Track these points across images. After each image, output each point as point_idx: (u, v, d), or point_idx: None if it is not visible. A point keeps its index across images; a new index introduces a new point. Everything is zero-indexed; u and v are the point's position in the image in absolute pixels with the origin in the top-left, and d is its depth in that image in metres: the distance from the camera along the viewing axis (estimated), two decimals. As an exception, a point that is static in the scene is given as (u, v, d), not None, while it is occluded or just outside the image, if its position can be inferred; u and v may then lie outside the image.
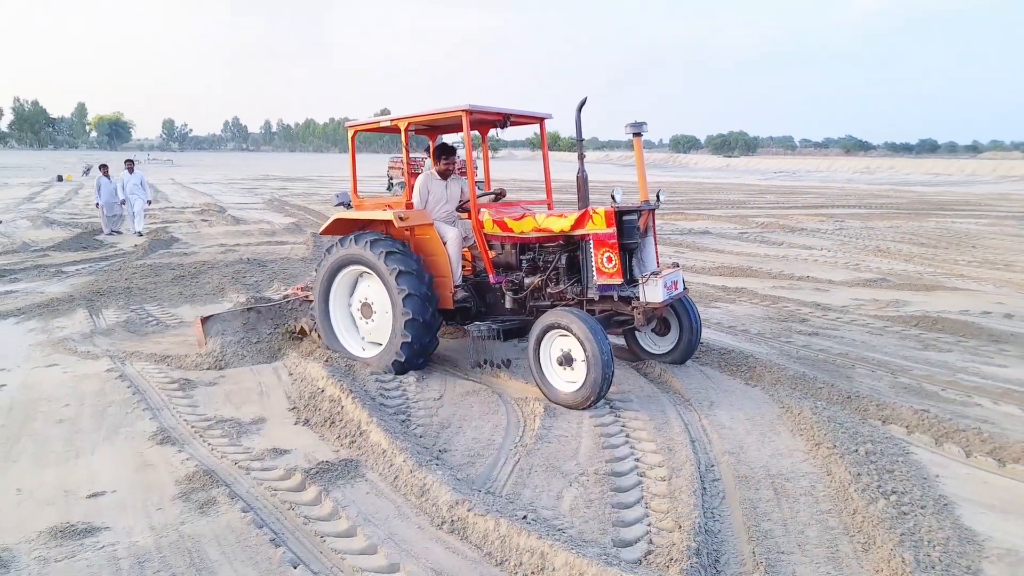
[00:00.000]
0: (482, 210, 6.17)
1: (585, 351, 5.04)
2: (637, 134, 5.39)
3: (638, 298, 5.46)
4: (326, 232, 6.60)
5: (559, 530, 3.52)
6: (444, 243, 6.09)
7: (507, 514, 3.58)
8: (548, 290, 5.96)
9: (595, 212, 5.55)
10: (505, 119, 6.49)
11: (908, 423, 4.95)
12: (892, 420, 5.02)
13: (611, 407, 5.25)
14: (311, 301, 6.78)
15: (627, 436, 4.76)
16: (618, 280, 5.51)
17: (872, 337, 7.31)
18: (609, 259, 5.51)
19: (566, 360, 5.25)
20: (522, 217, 5.99)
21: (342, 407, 4.97)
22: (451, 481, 3.95)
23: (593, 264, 5.63)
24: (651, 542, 3.46)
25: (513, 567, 3.27)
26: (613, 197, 5.66)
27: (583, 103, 5.60)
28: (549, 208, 6.68)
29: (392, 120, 6.35)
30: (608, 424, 4.94)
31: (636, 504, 3.87)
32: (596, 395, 5.08)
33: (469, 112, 5.89)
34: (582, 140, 5.79)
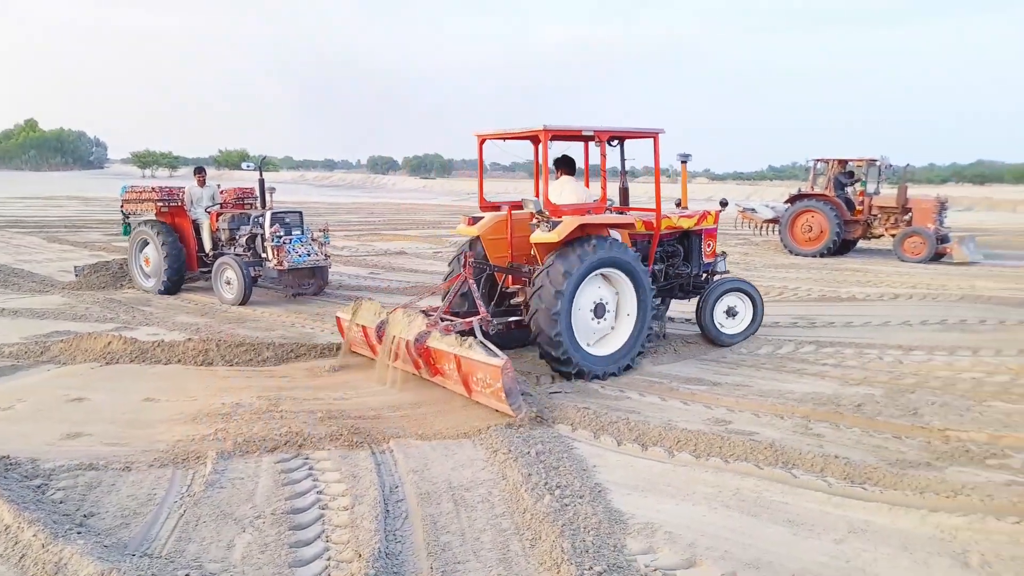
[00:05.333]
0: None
1: (755, 302, 7.91)
2: (684, 161, 7.72)
3: (717, 272, 8.24)
4: (569, 238, 6.37)
5: (227, 584, 3.22)
6: None
7: (165, 577, 3.18)
8: (676, 271, 7.90)
9: (710, 213, 8.03)
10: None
11: (572, 421, 5.46)
12: (560, 420, 5.50)
13: (298, 445, 4.96)
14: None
15: (310, 469, 4.56)
16: (712, 259, 8.16)
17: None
18: (709, 245, 8.11)
19: (731, 312, 7.88)
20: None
21: (-51, 481, 4.04)
22: (96, 550, 3.41)
23: (703, 249, 8.02)
24: (329, 577, 3.33)
25: (170, 637, 2.90)
26: (724, 203, 8.58)
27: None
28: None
29: (593, 130, 6.82)
30: (289, 459, 4.69)
31: (316, 540, 3.70)
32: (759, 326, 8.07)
33: (659, 134, 7.24)
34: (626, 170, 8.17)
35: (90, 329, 8.07)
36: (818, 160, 17.70)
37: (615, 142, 7.55)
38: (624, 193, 8.20)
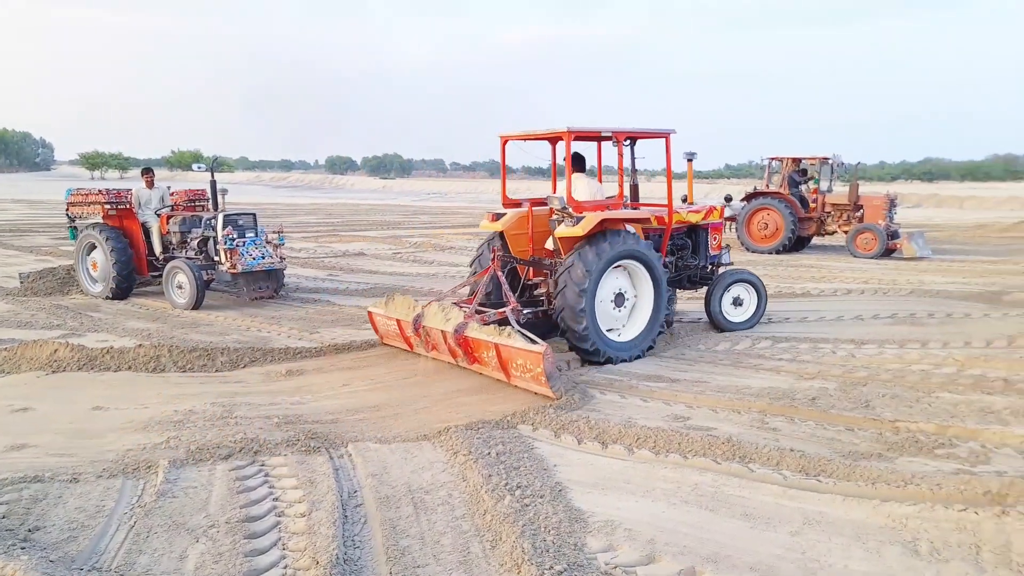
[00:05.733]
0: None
1: (759, 292, 8.51)
2: (689, 159, 7.89)
3: (722, 263, 8.72)
4: (591, 233, 6.76)
5: (179, 596, 3.13)
6: None
7: (113, 591, 3.09)
8: (684, 263, 8.33)
9: (716, 208, 8.45)
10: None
11: (533, 421, 5.45)
12: (521, 421, 5.49)
13: (253, 452, 4.86)
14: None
15: (266, 476, 4.47)
16: (718, 251, 8.63)
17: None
18: (715, 238, 8.55)
19: (737, 302, 8.45)
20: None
21: None
22: (42, 565, 3.30)
23: (709, 243, 8.48)
24: (286, 586, 3.26)
25: (119, 653, 2.81)
26: (729, 198, 9.00)
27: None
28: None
29: (611, 131, 7.24)
30: (244, 466, 4.59)
31: (272, 548, 3.62)
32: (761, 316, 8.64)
33: (670, 134, 7.74)
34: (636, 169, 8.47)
35: (36, 336, 7.79)
36: (773, 159, 18.04)
37: (628, 141, 7.95)
38: (635, 190, 8.56)
